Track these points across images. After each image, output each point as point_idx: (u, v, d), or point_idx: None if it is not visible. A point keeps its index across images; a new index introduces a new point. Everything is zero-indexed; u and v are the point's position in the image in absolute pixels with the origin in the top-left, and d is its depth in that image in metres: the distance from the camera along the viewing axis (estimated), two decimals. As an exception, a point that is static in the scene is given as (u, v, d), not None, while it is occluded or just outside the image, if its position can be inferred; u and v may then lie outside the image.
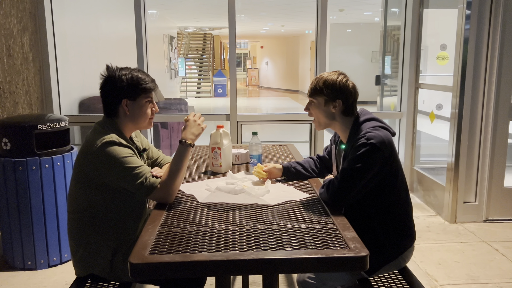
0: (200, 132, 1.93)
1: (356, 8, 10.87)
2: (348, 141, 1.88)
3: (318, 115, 1.91)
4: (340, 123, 1.90)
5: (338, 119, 1.89)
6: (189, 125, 1.92)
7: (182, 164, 1.83)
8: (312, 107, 1.92)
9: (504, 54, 3.53)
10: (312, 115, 1.94)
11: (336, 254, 1.35)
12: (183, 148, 1.86)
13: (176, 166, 1.82)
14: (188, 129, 1.91)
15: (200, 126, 1.93)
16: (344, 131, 1.91)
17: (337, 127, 1.92)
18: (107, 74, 1.84)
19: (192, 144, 1.88)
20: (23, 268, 2.94)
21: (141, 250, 1.37)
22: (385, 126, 1.84)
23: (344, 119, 1.89)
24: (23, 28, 3.54)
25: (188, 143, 1.86)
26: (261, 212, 1.70)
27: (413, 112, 4.45)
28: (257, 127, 3.80)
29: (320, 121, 1.93)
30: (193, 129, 1.91)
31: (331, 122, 1.91)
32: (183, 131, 1.91)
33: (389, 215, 1.85)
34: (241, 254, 1.35)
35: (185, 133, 1.90)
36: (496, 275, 2.86)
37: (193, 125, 1.92)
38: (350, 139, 1.86)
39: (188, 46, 18.47)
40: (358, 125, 1.85)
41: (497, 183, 3.70)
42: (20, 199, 2.83)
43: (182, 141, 1.87)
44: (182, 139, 1.87)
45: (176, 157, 1.85)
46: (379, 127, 1.81)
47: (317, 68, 4.33)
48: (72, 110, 4.44)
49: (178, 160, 1.84)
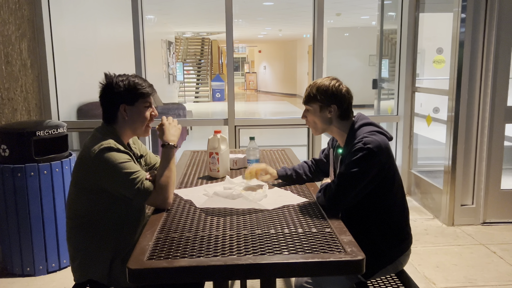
0: (179, 133, 1.97)
1: (353, 12, 10.91)
2: (345, 146, 1.90)
3: (315, 121, 1.93)
4: (337, 127, 1.92)
5: (335, 124, 1.91)
6: (167, 127, 1.96)
7: (170, 167, 1.86)
8: (308, 114, 1.95)
9: (499, 57, 3.56)
10: (309, 122, 1.96)
11: (332, 258, 1.36)
12: (167, 150, 1.89)
13: (165, 170, 1.84)
14: (167, 132, 1.94)
15: (177, 127, 1.98)
16: (341, 136, 1.93)
17: (335, 131, 1.94)
18: (105, 82, 1.87)
19: (175, 145, 1.91)
20: (22, 274, 2.94)
21: (139, 255, 1.38)
22: (381, 131, 1.86)
23: (341, 123, 1.91)
24: (21, 34, 3.55)
25: (171, 145, 1.90)
26: (259, 216, 1.71)
27: (410, 116, 4.47)
28: (255, 131, 3.82)
29: (317, 127, 1.95)
30: (172, 131, 1.95)
31: (328, 127, 1.93)
32: (162, 136, 1.94)
33: (386, 219, 1.86)
34: (238, 259, 1.36)
35: (166, 136, 1.93)
36: (493, 277, 2.88)
37: (170, 127, 1.96)
38: (347, 143, 1.88)
39: (186, 51, 18.51)
40: (355, 130, 1.87)
41: (494, 185, 3.72)
42: (19, 205, 2.84)
43: (165, 144, 1.90)
44: (164, 142, 1.90)
45: (163, 161, 1.87)
46: (376, 131, 1.83)
47: (314, 72, 4.35)
48: (71, 116, 4.45)
49: (166, 164, 1.86)
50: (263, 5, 9.84)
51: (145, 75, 4.31)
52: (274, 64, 22.94)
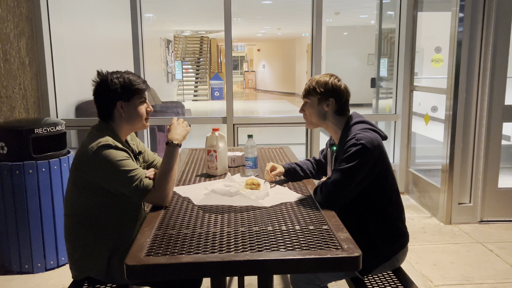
0: (186, 133, 1.99)
1: (352, 11, 10.92)
2: (339, 143, 1.94)
3: (311, 114, 1.97)
4: (332, 123, 1.96)
5: (330, 119, 1.95)
6: (174, 127, 1.97)
7: (172, 165, 1.86)
8: (306, 107, 1.99)
9: (497, 56, 3.57)
10: (306, 115, 2.00)
11: (329, 255, 1.37)
12: (171, 149, 1.89)
13: (166, 168, 1.85)
14: (173, 130, 1.96)
15: (185, 127, 1.99)
16: (336, 132, 1.98)
17: (330, 127, 1.98)
18: (99, 79, 1.87)
19: (179, 144, 1.91)
20: (20, 272, 2.94)
21: (137, 252, 1.39)
22: (375, 128, 1.90)
23: (337, 119, 1.95)
24: (19, 32, 3.55)
25: (175, 144, 1.90)
26: (256, 214, 1.72)
27: (408, 115, 4.48)
28: (254, 129, 3.82)
29: (312, 120, 1.99)
30: (179, 130, 1.97)
31: (323, 122, 1.97)
32: (168, 134, 1.95)
33: (382, 216, 1.89)
34: (236, 256, 1.37)
35: (171, 134, 1.94)
36: (490, 275, 2.89)
37: (178, 126, 1.98)
38: (342, 140, 1.92)
39: (185, 50, 18.50)
40: (349, 126, 1.91)
41: (491, 184, 3.73)
42: (17, 202, 2.84)
43: (169, 142, 1.90)
44: (169, 141, 1.91)
45: (165, 159, 1.88)
46: (369, 129, 1.87)
47: (312, 70, 4.36)
48: (69, 114, 4.45)
49: (168, 162, 1.87)
50: (262, 3, 9.85)
51: (143, 74, 4.31)
52: (273, 62, 22.94)
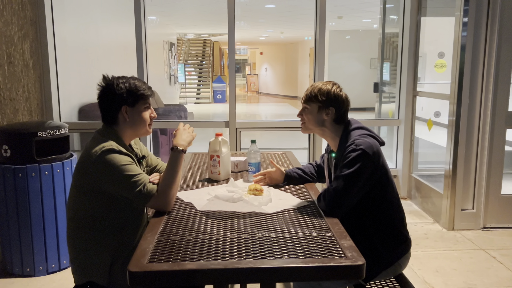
0: (191, 139, 1.99)
1: (355, 15, 10.92)
2: (338, 149, 1.94)
3: (309, 120, 1.97)
4: (330, 130, 1.96)
5: (328, 127, 1.96)
6: (180, 132, 1.97)
7: (176, 170, 1.86)
8: (305, 113, 1.99)
9: (501, 62, 3.56)
10: (304, 120, 2.00)
11: (333, 263, 1.36)
12: (175, 154, 1.89)
13: (170, 173, 1.85)
14: (179, 136, 1.96)
15: (190, 133, 1.99)
16: (333, 139, 1.98)
17: (327, 134, 1.98)
18: (105, 83, 1.87)
19: (184, 150, 1.91)
20: (22, 275, 2.94)
21: (140, 258, 1.39)
22: (373, 134, 1.91)
23: (335, 127, 1.96)
24: (24, 35, 3.56)
25: (180, 149, 1.90)
26: (259, 220, 1.72)
27: (411, 120, 4.47)
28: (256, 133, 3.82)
29: (309, 126, 1.99)
30: (184, 136, 1.96)
31: (319, 129, 1.97)
32: (173, 139, 1.95)
33: (383, 221, 1.89)
34: (239, 263, 1.36)
35: (177, 139, 1.94)
36: (493, 282, 2.87)
37: (184, 132, 1.98)
38: (340, 147, 1.93)
39: (188, 52, 18.52)
40: (347, 133, 1.92)
41: (494, 190, 3.72)
42: (20, 206, 2.84)
43: (174, 147, 1.90)
44: (174, 146, 1.91)
45: (170, 164, 1.87)
46: (367, 135, 1.88)
47: (315, 74, 4.36)
48: (72, 117, 4.46)
49: (172, 167, 1.86)
50: (265, 7, 9.86)
51: (146, 76, 4.32)
52: (276, 66, 22.96)
